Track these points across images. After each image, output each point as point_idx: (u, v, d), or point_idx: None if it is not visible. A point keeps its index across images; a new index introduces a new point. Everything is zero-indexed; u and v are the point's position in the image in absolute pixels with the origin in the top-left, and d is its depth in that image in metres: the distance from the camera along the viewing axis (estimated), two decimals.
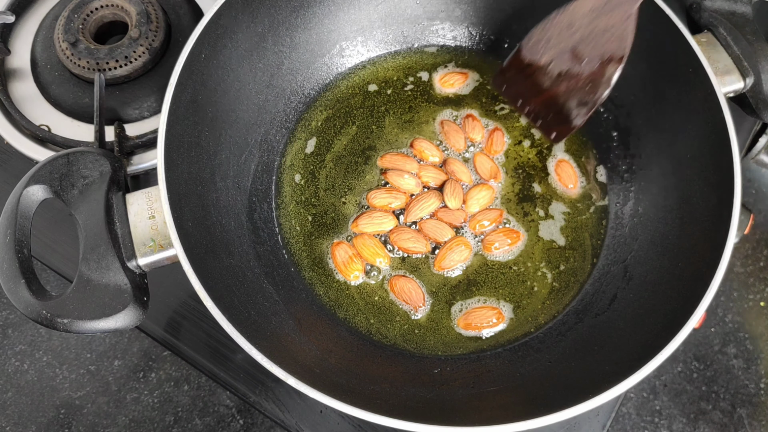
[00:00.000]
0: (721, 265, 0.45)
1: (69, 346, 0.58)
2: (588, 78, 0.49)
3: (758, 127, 0.61)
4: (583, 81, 0.50)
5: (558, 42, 0.50)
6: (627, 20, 0.48)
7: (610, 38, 0.48)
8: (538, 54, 0.51)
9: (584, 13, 0.49)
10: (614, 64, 0.48)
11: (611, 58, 0.48)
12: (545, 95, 0.52)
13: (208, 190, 0.52)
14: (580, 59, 0.50)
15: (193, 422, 0.55)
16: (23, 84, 0.64)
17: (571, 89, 0.50)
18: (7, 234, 0.42)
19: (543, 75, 0.51)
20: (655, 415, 0.58)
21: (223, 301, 0.43)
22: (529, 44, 0.52)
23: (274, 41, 0.58)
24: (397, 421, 0.39)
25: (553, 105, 0.52)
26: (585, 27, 0.49)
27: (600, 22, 0.49)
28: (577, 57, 0.50)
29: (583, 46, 0.49)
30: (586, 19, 0.49)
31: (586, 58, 0.49)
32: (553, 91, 0.51)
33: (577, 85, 0.50)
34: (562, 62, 0.50)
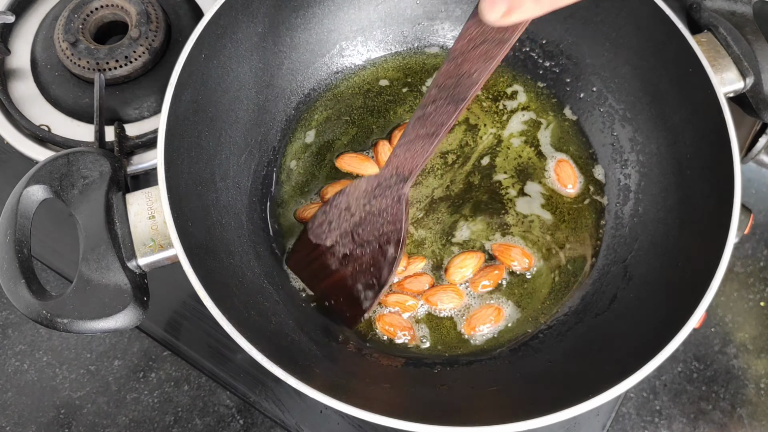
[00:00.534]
0: (721, 265, 0.44)
1: (69, 346, 0.58)
2: (370, 260, 0.48)
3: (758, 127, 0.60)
4: (367, 262, 0.49)
5: (338, 224, 0.50)
6: (398, 203, 0.47)
7: (384, 221, 0.48)
8: (322, 236, 0.50)
9: (358, 196, 0.49)
10: (393, 246, 0.47)
11: (389, 240, 0.47)
12: (335, 277, 0.51)
13: (208, 190, 0.52)
14: (362, 242, 0.49)
15: (193, 422, 0.55)
16: (23, 84, 0.64)
17: (357, 272, 0.49)
18: (7, 234, 0.42)
19: (331, 256, 0.50)
20: (655, 415, 0.58)
21: (223, 301, 0.43)
22: (314, 227, 0.51)
23: (274, 41, 0.58)
24: (397, 421, 0.39)
25: (343, 288, 0.50)
26: (361, 209, 0.49)
27: (374, 205, 0.48)
28: (358, 239, 0.49)
29: (362, 229, 0.49)
30: (361, 202, 0.49)
31: (366, 241, 0.48)
32: (341, 274, 0.50)
33: (362, 267, 0.49)
34: (346, 244, 0.49)
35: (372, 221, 0.48)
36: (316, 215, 0.51)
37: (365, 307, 0.50)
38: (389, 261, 0.48)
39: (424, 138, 0.44)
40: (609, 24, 0.58)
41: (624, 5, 0.56)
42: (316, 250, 0.51)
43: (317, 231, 0.51)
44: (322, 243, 0.50)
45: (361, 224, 0.49)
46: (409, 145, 0.45)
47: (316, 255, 0.51)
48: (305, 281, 0.54)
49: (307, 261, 0.52)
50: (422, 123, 0.44)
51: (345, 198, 0.50)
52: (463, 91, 0.42)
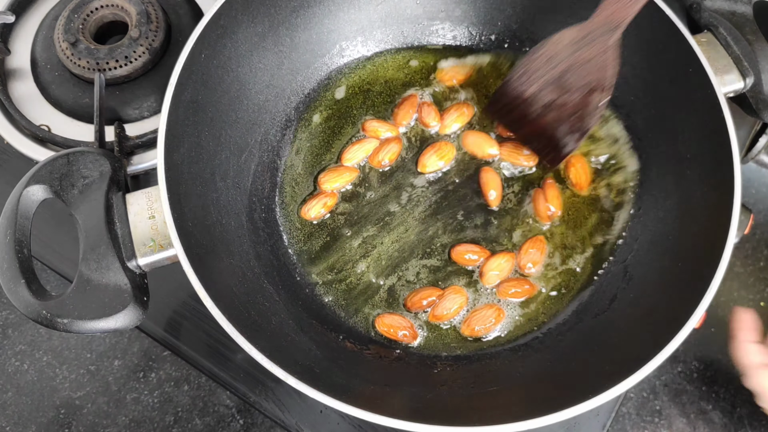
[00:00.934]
0: (721, 265, 0.44)
1: (69, 346, 0.58)
2: (575, 107, 0.50)
3: (758, 127, 0.60)
4: (570, 110, 0.50)
5: (543, 74, 0.50)
6: (606, 52, 0.48)
7: (592, 69, 0.48)
8: (524, 85, 0.52)
9: (565, 45, 0.49)
10: (599, 93, 0.49)
11: (595, 87, 0.49)
12: (535, 124, 0.52)
13: (208, 190, 0.52)
14: (566, 90, 0.50)
15: (193, 422, 0.55)
16: (23, 84, 0.64)
17: (560, 118, 0.51)
18: (7, 234, 0.42)
19: (532, 105, 0.52)
20: (655, 415, 0.58)
21: (223, 301, 0.43)
22: (516, 76, 0.52)
23: (274, 41, 0.58)
24: (397, 421, 0.39)
25: (543, 134, 0.52)
26: (567, 59, 0.49)
27: (581, 54, 0.49)
28: (562, 88, 0.50)
29: (567, 77, 0.50)
30: (568, 51, 0.49)
31: (571, 89, 0.50)
32: (542, 121, 0.52)
33: (565, 115, 0.50)
34: (548, 93, 0.51)
35: (578, 70, 0.49)
36: (516, 66, 0.52)
37: (568, 150, 0.51)
38: (594, 107, 0.49)
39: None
40: None
41: None
42: (516, 99, 0.52)
43: (519, 80, 0.52)
44: (524, 92, 0.51)
45: (567, 72, 0.49)
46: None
47: (517, 103, 0.52)
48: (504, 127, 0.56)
49: (507, 109, 0.53)
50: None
51: (549, 48, 0.50)
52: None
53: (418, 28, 0.64)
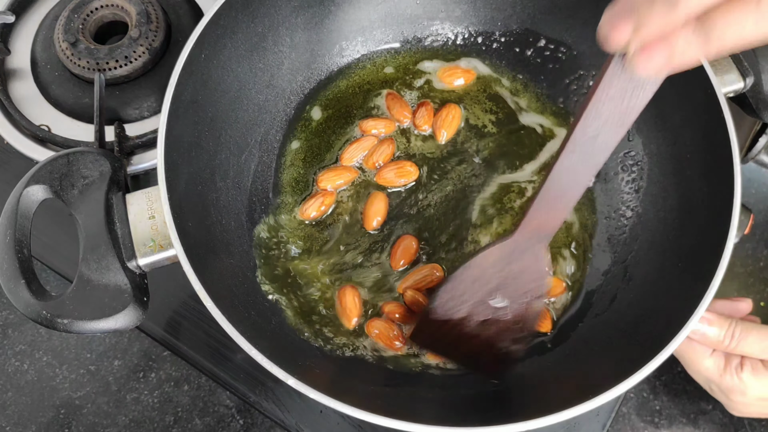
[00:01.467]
0: (721, 265, 0.44)
1: (69, 346, 0.58)
2: (515, 319, 0.49)
3: (758, 127, 0.60)
4: (511, 322, 0.49)
5: (471, 295, 0.48)
6: (539, 261, 0.47)
7: (527, 280, 0.47)
8: (452, 310, 0.49)
9: (491, 263, 0.48)
10: (538, 299, 0.48)
11: (533, 295, 0.48)
12: (473, 343, 0.50)
13: (208, 190, 0.52)
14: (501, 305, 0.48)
15: (193, 422, 0.55)
16: (23, 84, 0.64)
17: (502, 330, 0.49)
18: (7, 234, 0.42)
19: (465, 327, 0.49)
20: (655, 415, 0.58)
21: (223, 302, 0.43)
22: (441, 303, 0.49)
23: (274, 41, 0.58)
24: (397, 421, 0.39)
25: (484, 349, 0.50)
26: (497, 276, 0.48)
27: (512, 267, 0.47)
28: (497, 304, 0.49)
29: (501, 293, 0.48)
30: (496, 269, 0.47)
31: (506, 303, 0.48)
32: (480, 337, 0.49)
33: (507, 326, 0.49)
34: (482, 311, 0.49)
35: (512, 283, 0.48)
36: (438, 294, 0.49)
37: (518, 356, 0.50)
38: (535, 313, 0.48)
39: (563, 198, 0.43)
40: None
41: None
42: (445, 325, 0.50)
43: (444, 308, 0.49)
44: (453, 316, 0.49)
45: (499, 289, 0.48)
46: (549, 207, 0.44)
47: (446, 329, 0.50)
48: (439, 353, 0.52)
49: (438, 336, 0.51)
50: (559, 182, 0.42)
51: (474, 270, 0.48)
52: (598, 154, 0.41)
53: (418, 28, 0.64)
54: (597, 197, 0.59)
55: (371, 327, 0.52)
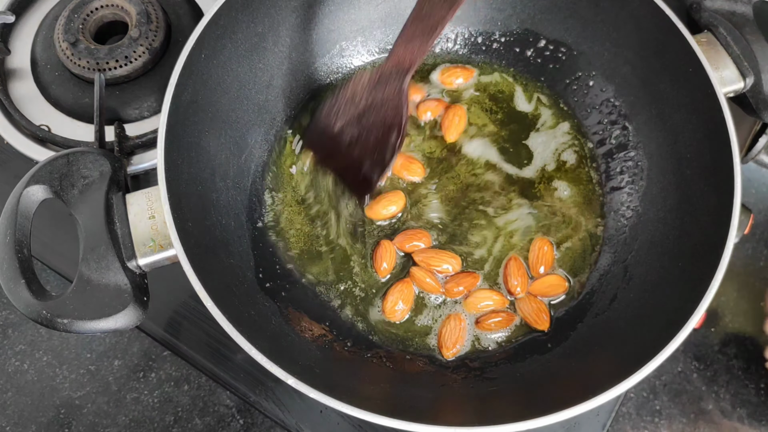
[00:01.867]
0: (721, 265, 0.45)
1: (69, 346, 0.58)
2: (375, 144, 0.53)
3: (758, 127, 0.60)
4: (371, 147, 0.53)
5: (346, 111, 0.54)
6: (399, 96, 0.51)
7: (387, 110, 0.52)
8: (331, 122, 0.55)
9: (363, 86, 0.53)
10: (395, 132, 0.51)
11: (391, 126, 0.51)
12: (344, 159, 0.55)
13: (208, 190, 0.52)
14: (366, 127, 0.53)
15: (193, 422, 0.55)
16: (23, 84, 0.64)
17: (364, 154, 0.53)
18: (7, 234, 0.42)
19: (340, 140, 0.54)
20: (655, 415, 0.58)
21: (223, 301, 0.43)
22: (324, 111, 0.55)
23: (274, 41, 0.58)
24: (397, 421, 0.39)
25: (351, 168, 0.55)
26: (366, 98, 0.53)
27: (377, 94, 0.52)
28: (363, 125, 0.53)
29: (367, 116, 0.53)
30: (366, 91, 0.53)
31: (370, 127, 0.53)
32: (349, 156, 0.54)
33: (367, 151, 0.53)
34: (352, 129, 0.53)
35: (376, 109, 0.52)
36: (326, 102, 0.55)
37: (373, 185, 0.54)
38: (392, 144, 0.52)
39: (422, 35, 0.49)
40: (609, 24, 0.58)
41: (624, 5, 0.56)
42: (326, 133, 0.55)
43: (327, 116, 0.55)
44: (332, 127, 0.54)
45: (366, 111, 0.52)
46: (408, 42, 0.50)
47: (327, 137, 0.55)
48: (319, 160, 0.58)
49: (320, 143, 0.56)
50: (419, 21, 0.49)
51: (351, 87, 0.54)
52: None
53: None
54: (597, 197, 0.59)
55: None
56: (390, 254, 0.55)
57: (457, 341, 0.52)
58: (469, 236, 0.57)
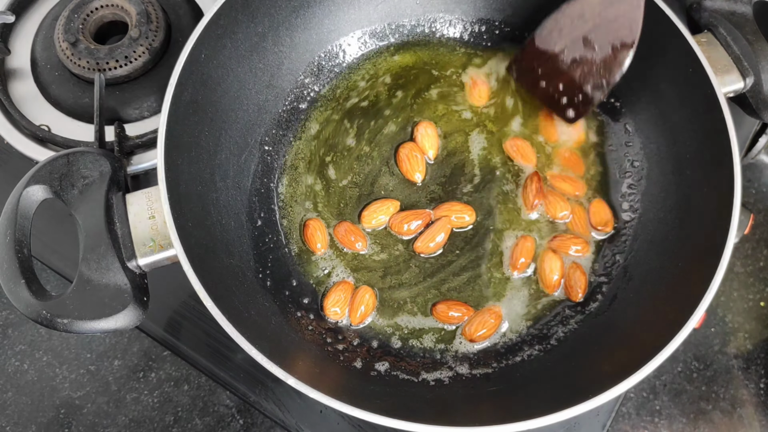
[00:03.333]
0: (721, 265, 0.45)
1: (69, 346, 0.58)
2: (601, 63, 0.53)
3: (758, 127, 0.61)
4: (597, 66, 0.53)
5: (570, 31, 0.54)
6: (636, 9, 0.51)
7: (620, 26, 0.51)
8: (551, 43, 0.55)
9: (594, 3, 0.53)
10: (625, 49, 0.51)
11: (622, 43, 0.52)
12: (560, 80, 0.56)
13: (208, 190, 0.52)
14: (593, 46, 0.53)
15: (193, 422, 0.55)
16: (23, 84, 0.64)
17: (586, 73, 0.54)
18: (7, 234, 0.42)
19: (557, 62, 0.55)
20: (654, 415, 0.58)
21: (223, 301, 0.43)
22: (542, 34, 0.56)
23: (274, 41, 0.58)
24: (397, 421, 0.39)
25: (568, 89, 0.55)
26: (596, 16, 0.52)
27: (610, 11, 0.52)
28: (589, 44, 0.53)
29: (595, 34, 0.53)
30: (597, 9, 0.52)
31: (598, 45, 0.53)
32: (568, 76, 0.55)
33: (591, 70, 0.54)
34: (575, 49, 0.54)
35: (606, 27, 0.52)
36: (545, 24, 0.55)
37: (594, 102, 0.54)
38: (620, 61, 0.52)
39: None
40: None
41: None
42: (542, 57, 0.55)
43: (547, 38, 0.55)
44: (551, 49, 0.55)
45: (595, 29, 0.53)
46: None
47: (544, 59, 0.55)
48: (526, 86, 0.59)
49: (531, 67, 0.57)
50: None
51: (578, 6, 0.53)
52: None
53: (419, 27, 0.64)
54: (597, 197, 0.59)
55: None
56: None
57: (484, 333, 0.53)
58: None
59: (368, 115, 0.62)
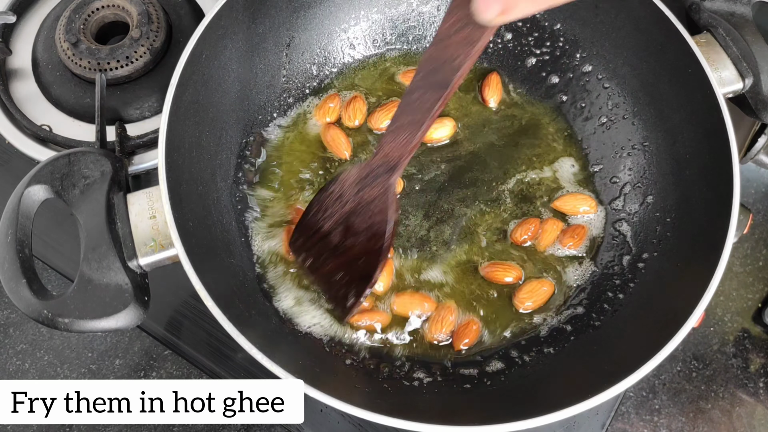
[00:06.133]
0: (720, 264, 0.45)
1: (70, 346, 0.58)
2: (361, 252, 0.47)
3: (757, 127, 0.61)
4: (356, 254, 0.47)
5: (333, 213, 0.49)
6: (385, 193, 0.46)
7: (374, 211, 0.47)
8: (318, 224, 0.49)
9: (350, 184, 0.48)
10: (380, 238, 0.46)
11: (376, 232, 0.46)
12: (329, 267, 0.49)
13: (209, 190, 0.52)
14: (353, 232, 0.48)
15: None
16: (24, 84, 0.64)
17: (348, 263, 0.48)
18: (8, 234, 0.42)
19: (325, 245, 0.49)
20: (654, 414, 0.59)
21: (224, 301, 0.43)
22: (311, 212, 0.50)
23: (275, 42, 0.58)
24: (397, 421, 0.39)
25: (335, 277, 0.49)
26: (354, 198, 0.48)
27: (365, 194, 0.47)
28: (350, 229, 0.48)
29: (354, 218, 0.48)
30: (353, 190, 0.48)
31: (356, 231, 0.47)
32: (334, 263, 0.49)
33: (352, 259, 0.48)
34: (339, 234, 0.48)
35: (363, 211, 0.47)
36: (313, 202, 0.50)
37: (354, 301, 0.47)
38: (376, 253, 0.46)
39: (410, 126, 0.43)
40: (608, 25, 0.58)
41: (623, 6, 0.56)
42: (313, 237, 0.50)
43: (315, 217, 0.50)
44: (319, 230, 0.49)
45: (353, 213, 0.48)
46: (396, 133, 0.44)
47: (314, 241, 0.50)
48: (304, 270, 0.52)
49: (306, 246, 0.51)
50: (408, 110, 0.43)
51: (339, 186, 0.49)
52: (447, 78, 0.40)
53: (419, 28, 0.65)
54: (597, 197, 0.59)
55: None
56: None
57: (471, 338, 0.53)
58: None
59: (369, 115, 0.62)
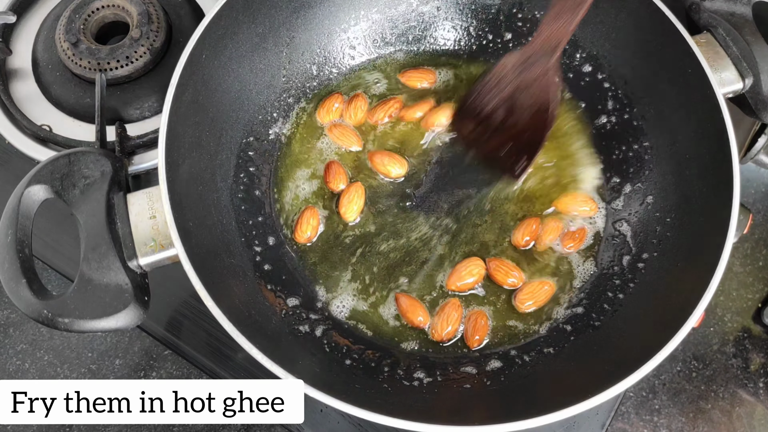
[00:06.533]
0: (720, 264, 0.45)
1: (70, 346, 0.58)
2: (526, 125, 0.53)
3: (757, 127, 0.61)
4: (521, 129, 0.53)
5: (495, 94, 0.54)
6: (547, 74, 0.51)
7: (536, 91, 0.52)
8: (481, 105, 0.55)
9: (510, 68, 0.53)
10: (544, 113, 0.51)
11: (541, 107, 0.52)
12: (495, 140, 0.55)
13: (209, 190, 0.52)
14: (516, 110, 0.53)
15: None
16: (24, 84, 0.64)
17: (513, 137, 0.54)
18: (8, 234, 0.42)
19: (490, 122, 0.55)
20: (654, 414, 0.59)
21: (224, 301, 0.43)
22: (472, 96, 0.56)
23: (275, 42, 0.58)
24: (397, 421, 0.39)
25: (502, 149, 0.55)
26: (513, 81, 0.53)
27: (525, 76, 0.52)
28: (512, 108, 0.53)
29: (516, 98, 0.53)
30: (513, 74, 0.53)
31: (520, 109, 0.53)
32: (500, 138, 0.55)
33: (517, 133, 0.54)
34: (501, 112, 0.54)
35: (524, 91, 0.52)
36: (474, 86, 0.56)
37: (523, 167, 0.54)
38: (542, 125, 0.52)
39: (570, 11, 0.48)
40: (608, 25, 0.58)
41: (623, 6, 0.56)
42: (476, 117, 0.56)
43: (476, 100, 0.55)
44: (481, 110, 0.55)
45: (515, 94, 0.53)
46: (555, 20, 0.49)
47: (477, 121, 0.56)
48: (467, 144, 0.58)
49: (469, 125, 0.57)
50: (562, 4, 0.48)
51: (498, 70, 0.54)
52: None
53: (419, 28, 0.65)
54: (597, 197, 0.59)
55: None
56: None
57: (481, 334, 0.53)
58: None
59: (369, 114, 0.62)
